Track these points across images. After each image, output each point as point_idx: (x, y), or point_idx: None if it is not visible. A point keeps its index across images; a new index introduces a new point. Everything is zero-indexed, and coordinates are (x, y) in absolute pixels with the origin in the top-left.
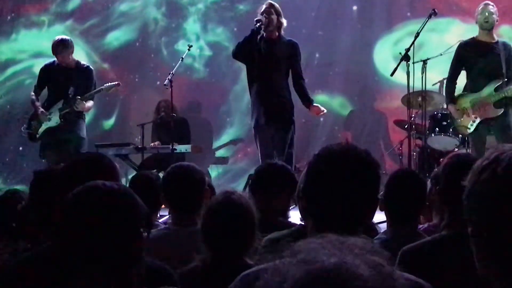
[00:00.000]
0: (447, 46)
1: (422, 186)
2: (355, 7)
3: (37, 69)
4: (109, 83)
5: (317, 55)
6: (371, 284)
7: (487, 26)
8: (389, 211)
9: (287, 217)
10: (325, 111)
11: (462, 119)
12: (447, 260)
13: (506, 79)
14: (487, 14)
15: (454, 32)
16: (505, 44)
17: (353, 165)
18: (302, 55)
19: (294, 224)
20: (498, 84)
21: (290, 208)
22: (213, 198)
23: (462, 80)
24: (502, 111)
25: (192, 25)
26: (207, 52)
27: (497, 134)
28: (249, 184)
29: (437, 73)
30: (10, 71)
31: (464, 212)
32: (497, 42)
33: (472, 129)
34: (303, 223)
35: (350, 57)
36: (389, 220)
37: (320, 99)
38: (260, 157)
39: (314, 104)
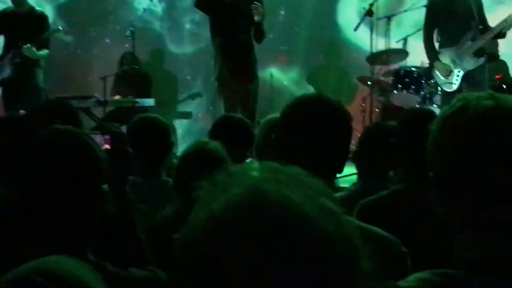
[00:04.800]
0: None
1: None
2: None
3: None
4: (52, 28)
5: (281, 12)
6: (315, 223)
7: None
8: (361, 164)
9: None
10: (258, 13)
11: (447, 76)
12: (405, 212)
13: (481, 27)
14: None
15: None
16: None
17: (326, 115)
18: (266, 11)
19: None
20: (473, 34)
21: (247, 161)
22: (187, 148)
23: None
24: (483, 61)
25: None
26: (167, 3)
27: (471, 88)
28: (208, 137)
29: (402, 30)
30: None
31: (427, 157)
32: None
33: (457, 84)
34: None
35: (315, 13)
36: (360, 173)
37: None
38: (223, 111)
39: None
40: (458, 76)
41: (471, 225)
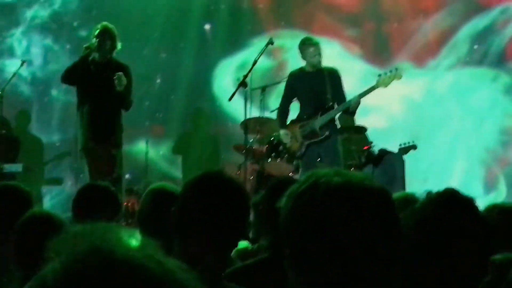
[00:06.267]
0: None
1: None
2: (207, 26)
3: None
4: None
5: (158, 80)
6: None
7: (317, 65)
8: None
9: None
10: (120, 83)
11: (291, 144)
12: (267, 282)
13: (331, 103)
14: (319, 57)
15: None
16: (331, 71)
17: (226, 192)
18: (142, 78)
19: None
20: (324, 109)
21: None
22: (22, 220)
23: None
24: (327, 133)
25: (20, 40)
26: (35, 68)
27: (325, 159)
28: (72, 206)
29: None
30: None
31: (282, 234)
32: (323, 69)
33: (301, 152)
34: None
35: (192, 81)
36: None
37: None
38: (89, 179)
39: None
40: (302, 145)
41: None
